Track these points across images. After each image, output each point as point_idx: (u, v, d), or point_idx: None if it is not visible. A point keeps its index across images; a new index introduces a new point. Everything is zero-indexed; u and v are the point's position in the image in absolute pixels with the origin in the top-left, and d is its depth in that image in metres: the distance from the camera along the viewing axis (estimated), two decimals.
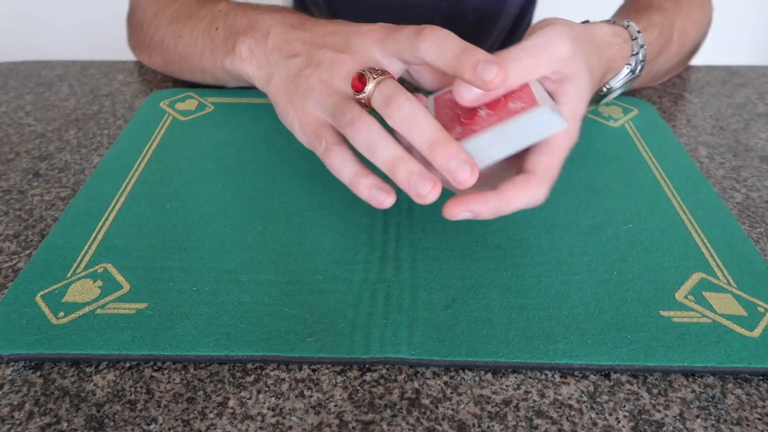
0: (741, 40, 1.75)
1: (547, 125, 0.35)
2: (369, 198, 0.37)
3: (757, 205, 0.45)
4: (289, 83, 0.42)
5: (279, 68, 0.44)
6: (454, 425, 0.30)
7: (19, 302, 0.36)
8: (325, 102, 0.39)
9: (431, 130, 0.34)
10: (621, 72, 0.47)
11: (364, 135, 0.36)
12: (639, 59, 0.47)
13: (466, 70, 0.34)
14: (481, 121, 0.35)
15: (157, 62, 0.61)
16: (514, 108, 0.35)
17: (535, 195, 0.36)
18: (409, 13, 0.75)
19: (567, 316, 0.35)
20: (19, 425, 0.30)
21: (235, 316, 0.35)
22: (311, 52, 0.42)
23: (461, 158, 0.33)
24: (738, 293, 0.37)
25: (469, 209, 0.35)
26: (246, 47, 0.47)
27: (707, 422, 0.31)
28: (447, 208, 0.36)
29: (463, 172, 0.33)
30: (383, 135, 0.35)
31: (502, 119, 0.34)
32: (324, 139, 0.39)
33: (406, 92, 0.35)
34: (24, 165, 0.49)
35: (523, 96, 0.36)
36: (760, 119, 0.57)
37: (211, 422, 0.30)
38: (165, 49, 0.58)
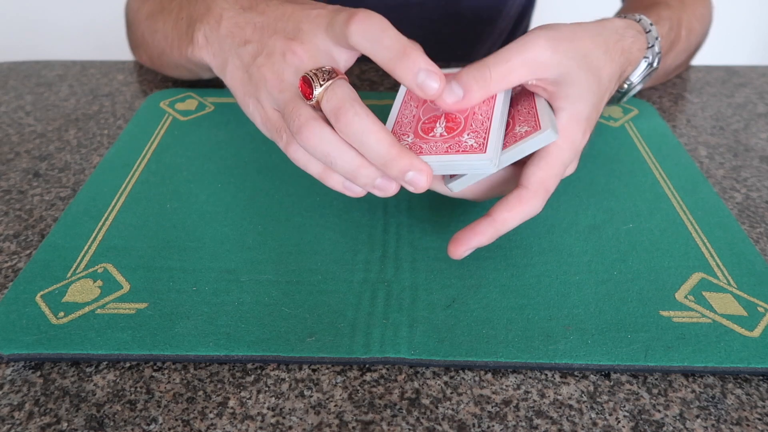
0: (741, 40, 1.75)
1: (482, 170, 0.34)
2: (343, 190, 0.36)
3: (757, 205, 0.45)
4: (243, 73, 0.40)
5: (232, 56, 0.41)
6: (454, 425, 0.30)
7: (19, 302, 0.36)
8: (276, 98, 0.37)
9: (382, 148, 0.33)
10: (639, 65, 0.46)
11: (316, 144, 0.34)
12: (655, 51, 0.45)
13: (405, 76, 0.33)
14: (432, 142, 0.35)
15: (145, 60, 0.61)
16: (465, 143, 0.34)
17: (530, 209, 0.36)
18: (408, 12, 0.75)
19: (567, 316, 0.35)
20: (19, 425, 0.30)
21: (235, 316, 0.35)
22: (263, 39, 0.39)
23: (415, 169, 0.33)
24: (738, 293, 0.37)
25: (470, 246, 0.36)
26: (202, 34, 0.45)
27: (707, 422, 0.31)
28: (452, 252, 0.36)
29: (419, 181, 0.33)
30: (335, 142, 0.34)
31: (450, 152, 0.34)
32: (284, 132, 0.37)
33: (354, 102, 0.33)
34: (24, 165, 0.49)
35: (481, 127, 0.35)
36: (760, 119, 0.57)
37: (211, 422, 0.30)
38: (146, 45, 0.58)
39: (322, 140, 0.34)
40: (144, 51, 0.59)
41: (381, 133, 0.33)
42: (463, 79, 0.35)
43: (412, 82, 0.33)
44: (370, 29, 0.33)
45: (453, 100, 0.35)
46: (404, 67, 0.33)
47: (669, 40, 0.51)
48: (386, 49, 0.33)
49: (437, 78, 0.33)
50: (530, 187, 0.35)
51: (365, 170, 0.34)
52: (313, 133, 0.34)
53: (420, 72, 0.32)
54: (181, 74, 0.57)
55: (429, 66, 0.33)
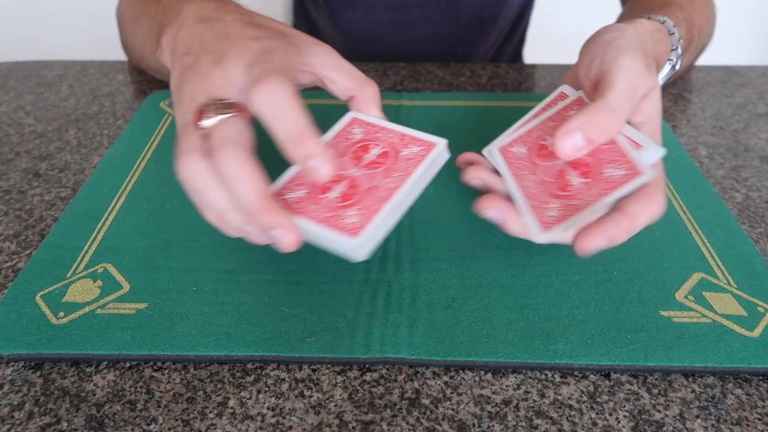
0: (741, 40, 1.75)
1: (348, 254, 0.33)
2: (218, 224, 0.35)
3: (757, 205, 0.45)
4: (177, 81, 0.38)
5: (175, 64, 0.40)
6: (454, 425, 0.30)
7: (19, 302, 0.36)
8: (181, 118, 0.35)
9: (251, 198, 0.31)
10: (664, 68, 0.46)
11: (188, 175, 0.32)
12: (678, 53, 0.45)
13: (297, 159, 0.32)
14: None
15: (133, 61, 0.62)
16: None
17: (658, 205, 0.34)
18: (408, 12, 0.75)
19: (567, 316, 0.35)
20: (19, 425, 0.30)
21: (235, 316, 0.35)
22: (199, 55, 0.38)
23: (282, 227, 0.32)
24: (738, 293, 0.37)
25: (605, 236, 0.33)
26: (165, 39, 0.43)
27: (707, 422, 0.31)
28: (581, 241, 0.33)
29: (285, 239, 0.32)
30: (206, 180, 0.32)
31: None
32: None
33: (237, 145, 0.32)
34: (24, 165, 0.49)
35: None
36: (760, 119, 0.57)
37: (211, 422, 0.30)
38: (131, 48, 0.59)
39: (195, 174, 0.32)
40: (130, 53, 0.61)
41: (253, 183, 0.31)
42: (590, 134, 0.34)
43: (303, 166, 0.32)
44: (274, 102, 0.32)
45: (574, 152, 0.34)
46: (297, 151, 0.32)
47: (687, 41, 0.51)
48: (284, 128, 0.32)
49: (328, 165, 0.32)
50: (650, 184, 0.34)
51: (232, 215, 0.33)
52: (188, 164, 0.32)
53: (312, 159, 0.32)
54: (163, 77, 0.58)
55: (322, 153, 0.32)
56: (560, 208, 0.33)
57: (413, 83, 0.62)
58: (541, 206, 0.34)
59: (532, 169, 0.36)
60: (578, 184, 0.34)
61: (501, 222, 0.35)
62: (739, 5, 1.68)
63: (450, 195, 0.45)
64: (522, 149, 0.38)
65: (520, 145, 0.38)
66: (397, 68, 0.65)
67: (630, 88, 0.35)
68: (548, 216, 0.33)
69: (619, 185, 0.33)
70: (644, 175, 0.32)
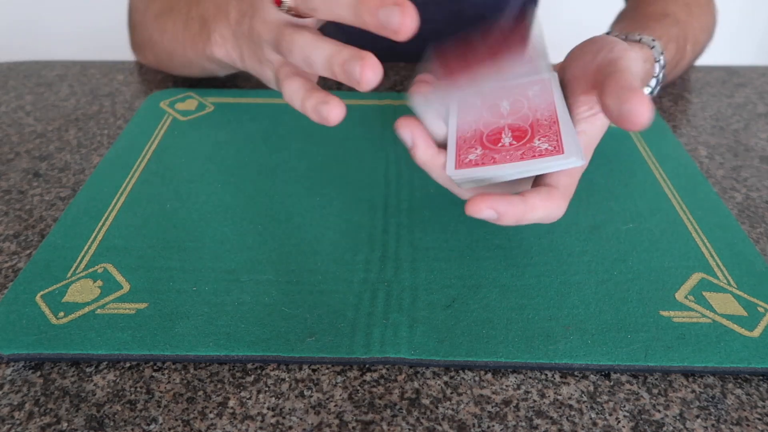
0: (741, 40, 1.75)
1: (564, 166, 0.35)
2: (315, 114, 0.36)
3: (757, 205, 0.45)
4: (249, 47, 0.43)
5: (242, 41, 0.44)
6: (454, 425, 0.30)
7: (19, 302, 0.36)
8: (270, 41, 0.39)
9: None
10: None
11: (298, 51, 0.36)
12: (659, 79, 0.46)
13: (366, 18, 0.31)
14: (503, 151, 0.36)
15: (151, 60, 0.61)
16: (539, 148, 0.35)
17: (557, 209, 0.35)
18: None
19: (567, 316, 0.35)
20: (19, 425, 0.30)
21: (235, 316, 0.35)
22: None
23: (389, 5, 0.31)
24: (738, 293, 0.37)
25: (495, 207, 0.34)
26: (218, 33, 0.48)
27: (707, 422, 0.31)
28: (472, 204, 0.34)
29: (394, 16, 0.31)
30: (314, 41, 0.35)
31: (526, 157, 0.35)
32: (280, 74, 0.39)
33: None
34: (24, 165, 0.49)
35: (549, 131, 0.35)
36: (760, 119, 0.57)
37: (211, 422, 0.30)
38: (154, 45, 0.58)
39: (303, 44, 0.35)
40: (150, 51, 0.60)
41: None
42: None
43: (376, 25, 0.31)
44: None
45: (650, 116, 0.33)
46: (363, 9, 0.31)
47: (675, 62, 0.51)
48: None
49: (398, 9, 0.31)
50: (560, 188, 0.35)
51: (339, 54, 0.33)
52: (294, 41, 0.36)
53: (380, 9, 0.31)
54: (192, 72, 0.58)
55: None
56: (480, 155, 0.36)
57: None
58: (466, 147, 0.37)
59: (477, 117, 0.39)
60: (507, 143, 0.36)
61: (410, 146, 0.37)
62: (739, 5, 1.68)
63: (450, 195, 0.45)
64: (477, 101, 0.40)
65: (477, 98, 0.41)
66: (397, 68, 0.65)
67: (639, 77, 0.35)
68: (467, 158, 0.36)
69: (539, 156, 0.34)
70: (565, 156, 0.34)
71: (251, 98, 0.58)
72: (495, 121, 0.38)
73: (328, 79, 0.63)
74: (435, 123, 0.39)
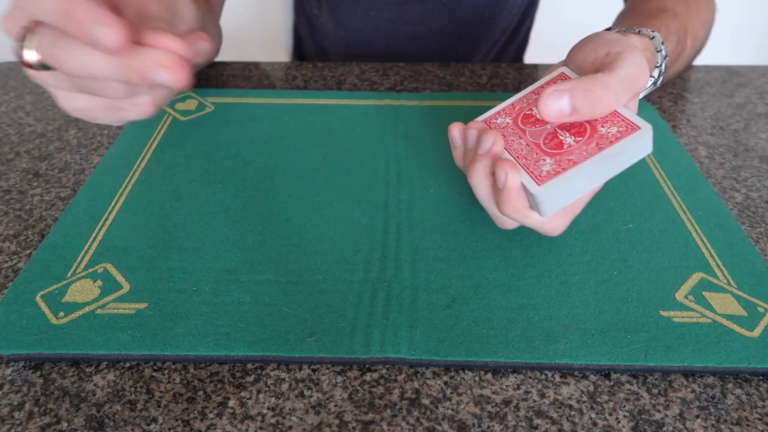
0: (741, 40, 1.75)
1: (644, 149, 0.33)
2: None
3: (757, 205, 0.45)
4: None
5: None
6: (454, 425, 0.30)
7: (19, 302, 0.36)
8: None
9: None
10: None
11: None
12: (662, 70, 0.46)
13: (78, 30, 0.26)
14: (574, 150, 0.33)
15: None
16: (611, 133, 0.33)
17: (553, 226, 0.36)
18: (409, 8, 0.75)
19: (567, 316, 0.35)
20: (19, 425, 0.30)
21: (235, 316, 0.35)
22: None
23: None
24: (738, 293, 0.37)
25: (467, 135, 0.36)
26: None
27: (707, 422, 0.31)
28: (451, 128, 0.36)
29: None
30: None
31: (603, 146, 0.32)
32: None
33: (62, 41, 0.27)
34: (24, 165, 0.49)
35: (611, 119, 0.34)
36: (760, 119, 0.57)
37: (211, 422, 0.30)
38: None
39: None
40: None
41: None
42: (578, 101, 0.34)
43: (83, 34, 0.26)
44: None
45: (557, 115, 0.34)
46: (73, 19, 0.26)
47: (675, 54, 0.51)
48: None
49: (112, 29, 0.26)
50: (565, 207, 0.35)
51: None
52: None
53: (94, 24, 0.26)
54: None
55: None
56: (554, 164, 0.33)
57: (413, 83, 0.62)
58: (534, 164, 0.34)
59: (520, 134, 0.36)
60: (572, 142, 0.34)
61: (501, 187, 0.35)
62: (739, 5, 1.68)
63: (450, 195, 0.45)
64: (507, 120, 0.38)
65: (504, 117, 0.38)
66: (397, 68, 0.65)
67: (632, 78, 0.35)
68: (542, 171, 0.33)
69: (616, 140, 0.32)
70: (642, 129, 0.32)
71: (251, 98, 0.58)
72: (540, 129, 0.36)
73: (327, 80, 0.63)
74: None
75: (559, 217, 0.36)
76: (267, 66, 0.66)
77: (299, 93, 0.59)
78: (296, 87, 0.61)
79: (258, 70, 0.65)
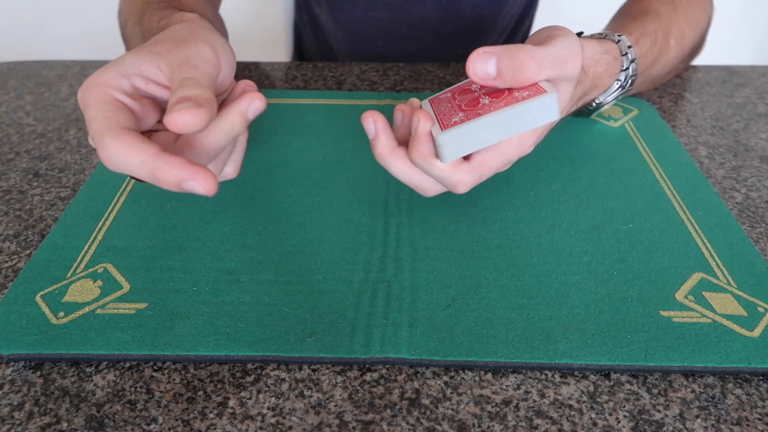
0: (741, 40, 1.75)
1: (548, 114, 0.35)
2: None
3: (757, 205, 0.45)
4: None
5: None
6: (454, 425, 0.30)
7: (19, 302, 0.36)
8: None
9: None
10: (611, 87, 0.48)
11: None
12: (629, 74, 0.47)
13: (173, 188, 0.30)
14: (485, 107, 0.36)
15: None
16: (520, 95, 0.35)
17: (457, 179, 0.37)
18: (408, 9, 0.75)
19: (567, 316, 0.35)
20: (19, 425, 0.30)
21: (235, 316, 0.35)
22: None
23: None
24: (738, 293, 0.37)
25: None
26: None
27: (707, 422, 0.31)
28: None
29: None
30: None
31: (510, 104, 0.35)
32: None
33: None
34: (24, 165, 0.49)
35: (529, 88, 0.36)
36: (760, 119, 0.57)
37: (211, 422, 0.30)
38: None
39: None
40: None
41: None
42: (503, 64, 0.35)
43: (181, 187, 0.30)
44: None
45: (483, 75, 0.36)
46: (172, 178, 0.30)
47: (651, 56, 0.52)
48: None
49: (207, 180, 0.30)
50: (472, 163, 0.37)
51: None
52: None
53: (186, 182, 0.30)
54: None
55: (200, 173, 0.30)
56: (463, 117, 0.36)
57: (413, 83, 0.62)
58: (448, 117, 0.37)
59: (450, 101, 0.39)
60: (486, 102, 0.36)
61: (372, 137, 0.37)
62: (739, 5, 1.68)
63: (450, 195, 0.45)
64: (447, 95, 0.40)
65: (446, 93, 0.41)
66: (397, 68, 0.65)
67: (559, 57, 0.36)
68: (451, 121, 0.36)
69: (522, 99, 0.34)
70: (547, 93, 0.34)
71: None
72: (468, 97, 0.38)
73: (327, 80, 0.63)
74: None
75: (464, 171, 0.37)
76: (267, 66, 0.66)
77: (299, 93, 0.59)
78: (296, 87, 0.61)
79: (258, 70, 0.65)
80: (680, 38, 0.55)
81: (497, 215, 0.43)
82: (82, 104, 0.32)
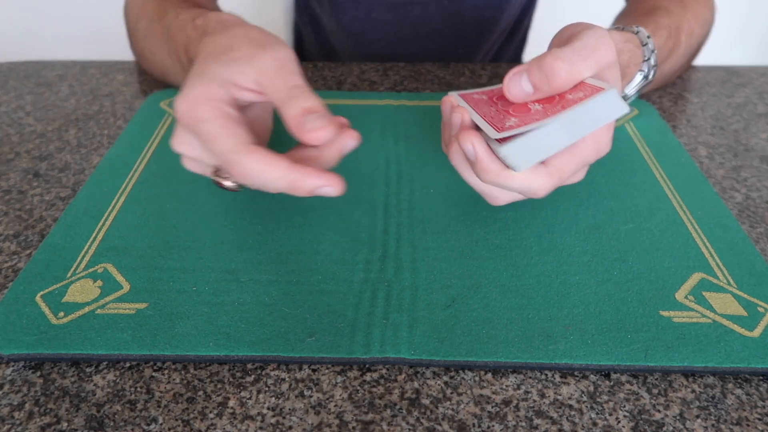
0: (741, 40, 1.75)
1: (613, 109, 0.33)
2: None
3: (757, 205, 0.45)
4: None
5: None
6: (454, 425, 0.30)
7: (19, 302, 0.36)
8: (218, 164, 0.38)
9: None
10: (634, 78, 0.47)
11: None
12: (651, 64, 0.46)
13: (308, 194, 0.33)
14: (539, 113, 0.34)
15: (146, 69, 0.61)
16: (575, 98, 0.34)
17: (537, 186, 0.36)
18: (410, 10, 0.75)
19: (567, 316, 0.35)
20: (19, 425, 0.30)
21: (235, 316, 0.35)
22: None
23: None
24: (738, 293, 0.37)
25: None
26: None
27: (707, 422, 0.31)
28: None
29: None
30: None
31: (566, 107, 0.33)
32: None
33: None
34: (24, 165, 0.49)
35: (580, 88, 0.35)
36: (760, 119, 0.57)
37: (211, 422, 0.30)
38: (145, 60, 0.59)
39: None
40: (144, 63, 0.60)
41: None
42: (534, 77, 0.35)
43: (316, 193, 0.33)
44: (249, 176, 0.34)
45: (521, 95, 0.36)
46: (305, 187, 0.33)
47: (667, 49, 0.52)
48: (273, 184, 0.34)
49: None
50: (549, 167, 0.36)
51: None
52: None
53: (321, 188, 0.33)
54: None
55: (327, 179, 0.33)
56: (518, 122, 0.35)
57: (413, 83, 0.62)
58: (500, 122, 0.36)
59: (491, 104, 0.38)
60: (539, 108, 0.35)
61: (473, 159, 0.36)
62: (739, 5, 1.68)
63: (450, 195, 0.45)
64: (482, 96, 0.40)
65: (481, 95, 0.40)
66: (397, 68, 0.65)
67: (588, 47, 0.35)
68: (506, 125, 0.35)
69: (579, 101, 0.33)
70: (606, 89, 0.33)
71: None
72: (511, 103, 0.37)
73: (327, 80, 0.63)
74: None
75: (543, 176, 0.36)
76: None
77: None
78: None
79: None
80: (689, 35, 0.55)
81: (497, 215, 0.43)
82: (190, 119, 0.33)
